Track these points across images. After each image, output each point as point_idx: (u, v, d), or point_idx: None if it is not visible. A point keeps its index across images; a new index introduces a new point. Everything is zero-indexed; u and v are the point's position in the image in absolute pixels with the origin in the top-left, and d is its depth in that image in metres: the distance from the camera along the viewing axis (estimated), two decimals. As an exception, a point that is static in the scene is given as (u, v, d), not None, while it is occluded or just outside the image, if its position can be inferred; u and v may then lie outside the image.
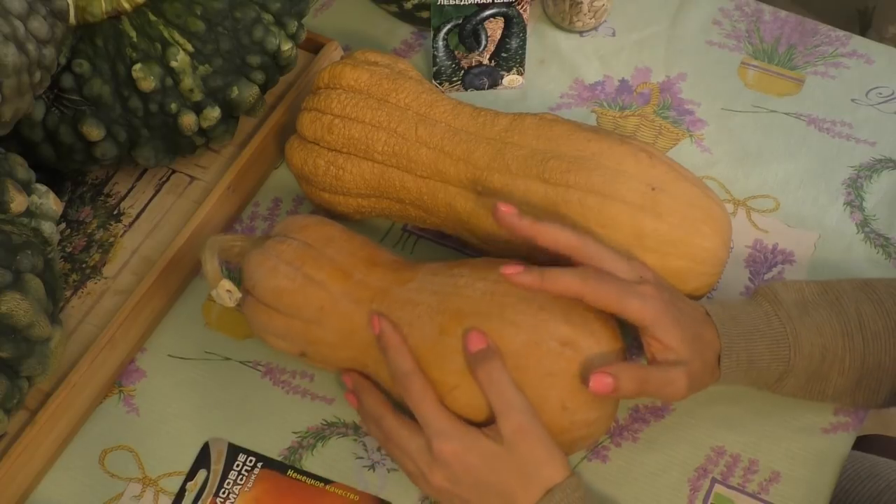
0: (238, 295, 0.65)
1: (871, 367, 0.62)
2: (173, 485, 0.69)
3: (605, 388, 0.57)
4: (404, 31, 0.92)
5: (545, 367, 0.58)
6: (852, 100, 0.84)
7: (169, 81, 0.70)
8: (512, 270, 0.59)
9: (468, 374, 0.59)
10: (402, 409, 0.62)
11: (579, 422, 0.59)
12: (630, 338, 0.63)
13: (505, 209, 0.60)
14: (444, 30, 0.83)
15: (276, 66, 0.76)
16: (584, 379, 0.57)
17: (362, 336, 0.63)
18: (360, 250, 0.66)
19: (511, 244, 0.67)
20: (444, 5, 0.81)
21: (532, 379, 0.58)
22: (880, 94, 0.84)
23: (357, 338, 0.64)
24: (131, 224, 0.79)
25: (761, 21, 0.90)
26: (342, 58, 0.76)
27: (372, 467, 0.69)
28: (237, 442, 0.70)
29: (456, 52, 0.85)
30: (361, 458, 0.69)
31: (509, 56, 0.85)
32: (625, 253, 0.62)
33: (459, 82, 0.87)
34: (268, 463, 0.69)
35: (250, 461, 0.69)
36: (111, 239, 0.78)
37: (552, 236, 0.59)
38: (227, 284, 0.65)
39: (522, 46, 0.85)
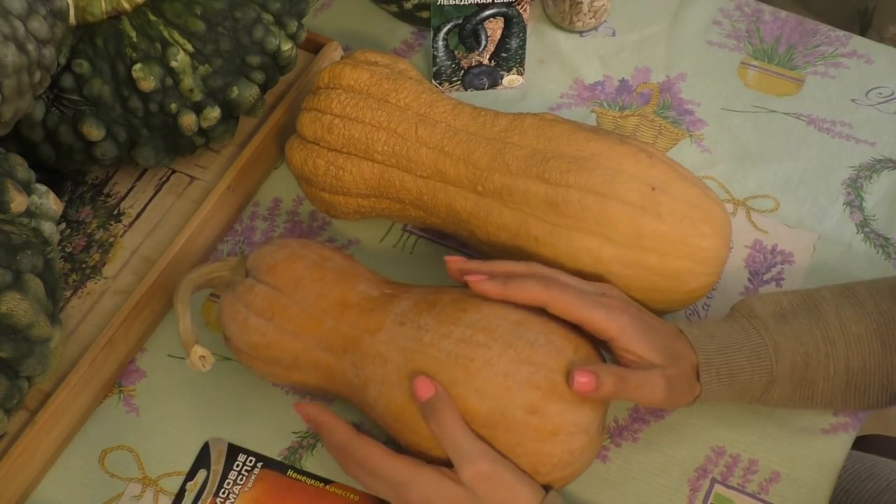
0: (212, 360, 0.64)
1: (856, 371, 0.62)
2: (173, 485, 0.69)
3: (586, 387, 0.57)
4: (404, 31, 0.92)
5: (513, 438, 0.57)
6: (852, 100, 0.84)
7: (169, 81, 0.70)
8: (475, 279, 0.60)
9: None
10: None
11: (555, 479, 0.59)
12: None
13: (473, 279, 0.60)
14: (444, 30, 0.83)
15: (276, 66, 0.76)
16: (569, 378, 0.57)
17: (341, 379, 0.64)
18: (331, 291, 0.64)
19: (510, 245, 0.67)
20: (444, 5, 0.81)
21: (501, 447, 0.58)
22: (880, 94, 0.84)
23: (337, 381, 0.64)
24: (131, 224, 0.79)
25: (761, 21, 0.90)
26: (342, 58, 0.76)
27: (372, 467, 0.69)
28: (237, 442, 0.70)
29: (456, 52, 0.85)
30: (361, 458, 0.69)
31: (509, 56, 0.85)
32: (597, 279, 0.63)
33: (459, 82, 0.87)
34: (268, 463, 0.69)
35: (250, 461, 0.69)
36: (111, 239, 0.78)
37: (524, 294, 0.60)
38: (199, 350, 0.63)
39: (522, 46, 0.85)
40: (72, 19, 0.70)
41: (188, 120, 0.72)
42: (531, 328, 0.59)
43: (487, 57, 0.85)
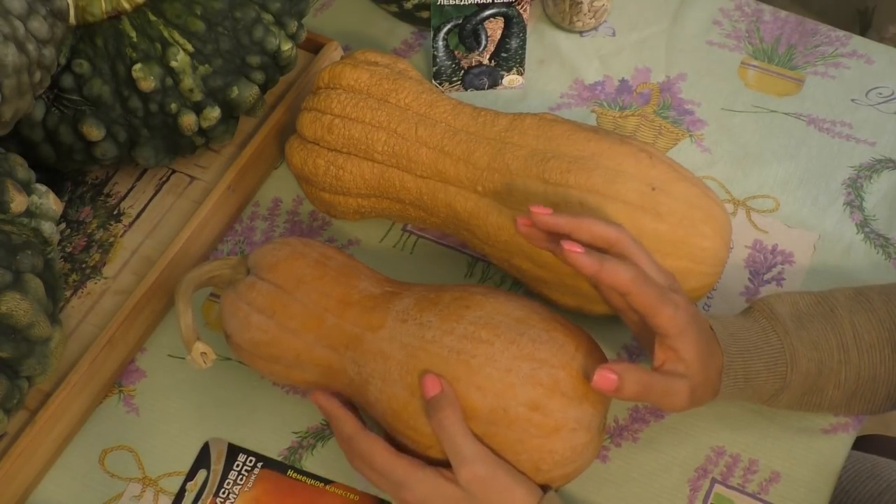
0: (213, 357, 0.64)
1: (865, 379, 0.62)
2: (173, 485, 0.69)
3: (607, 384, 0.56)
4: (404, 31, 0.92)
5: (514, 434, 0.57)
6: (852, 100, 0.84)
7: (169, 81, 0.70)
8: (572, 248, 0.56)
9: None
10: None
11: (556, 476, 0.59)
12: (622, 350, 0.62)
13: (570, 247, 0.56)
14: (444, 30, 0.83)
15: (276, 66, 0.76)
16: (588, 376, 0.57)
17: (342, 377, 0.64)
18: (332, 289, 0.64)
19: (510, 245, 0.67)
20: (444, 5, 0.81)
21: (502, 444, 0.58)
22: (880, 94, 0.84)
23: (338, 379, 0.64)
24: (131, 224, 0.79)
25: (761, 21, 0.90)
26: (342, 58, 0.76)
27: (372, 467, 0.69)
28: (237, 442, 0.70)
29: (456, 52, 0.85)
30: (361, 458, 0.69)
31: (509, 56, 0.85)
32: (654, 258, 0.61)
33: (459, 82, 0.87)
34: (268, 463, 0.69)
35: (250, 461, 0.69)
36: (111, 239, 0.78)
37: (590, 229, 0.58)
38: (201, 347, 0.63)
39: (522, 46, 0.85)
40: (72, 19, 0.70)
41: (188, 120, 0.72)
42: (533, 325, 0.59)
43: (487, 57, 0.85)
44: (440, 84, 0.86)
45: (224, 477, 0.69)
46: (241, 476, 0.69)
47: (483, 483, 0.57)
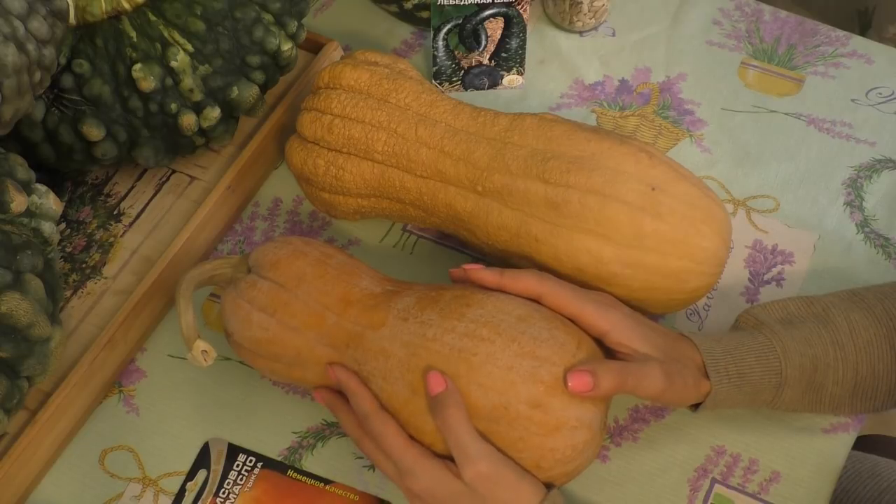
0: (214, 355, 0.64)
1: (864, 375, 0.62)
2: (173, 485, 0.69)
3: (584, 386, 0.57)
4: (404, 31, 0.92)
5: (515, 432, 0.57)
6: (852, 100, 0.84)
7: (169, 81, 0.70)
8: (473, 267, 0.63)
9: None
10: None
11: (557, 474, 0.59)
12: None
13: (470, 267, 0.63)
14: (444, 30, 0.83)
15: (276, 66, 0.76)
16: (565, 380, 0.57)
17: None
18: (333, 287, 0.64)
19: (510, 245, 0.67)
20: (444, 5, 0.81)
21: (503, 442, 0.58)
22: (880, 94, 0.84)
23: None
24: (131, 224, 0.79)
25: (761, 21, 0.90)
26: (342, 58, 0.76)
27: (372, 467, 0.69)
28: (237, 442, 0.70)
29: (456, 52, 0.85)
30: (361, 458, 0.69)
31: (509, 56, 0.85)
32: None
33: (459, 82, 0.87)
34: (268, 463, 0.69)
35: (250, 461, 0.69)
36: (111, 239, 0.78)
37: (520, 285, 0.61)
38: (202, 345, 0.64)
39: (522, 46, 0.85)
40: (72, 19, 0.70)
41: (188, 120, 0.72)
42: (535, 323, 0.59)
43: (487, 57, 0.85)
44: (440, 84, 0.86)
45: (224, 477, 0.69)
46: (241, 476, 0.69)
47: (488, 481, 0.57)
